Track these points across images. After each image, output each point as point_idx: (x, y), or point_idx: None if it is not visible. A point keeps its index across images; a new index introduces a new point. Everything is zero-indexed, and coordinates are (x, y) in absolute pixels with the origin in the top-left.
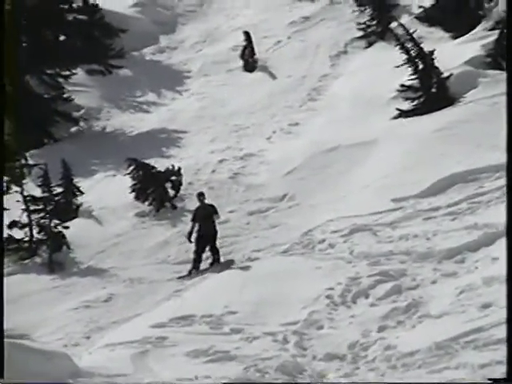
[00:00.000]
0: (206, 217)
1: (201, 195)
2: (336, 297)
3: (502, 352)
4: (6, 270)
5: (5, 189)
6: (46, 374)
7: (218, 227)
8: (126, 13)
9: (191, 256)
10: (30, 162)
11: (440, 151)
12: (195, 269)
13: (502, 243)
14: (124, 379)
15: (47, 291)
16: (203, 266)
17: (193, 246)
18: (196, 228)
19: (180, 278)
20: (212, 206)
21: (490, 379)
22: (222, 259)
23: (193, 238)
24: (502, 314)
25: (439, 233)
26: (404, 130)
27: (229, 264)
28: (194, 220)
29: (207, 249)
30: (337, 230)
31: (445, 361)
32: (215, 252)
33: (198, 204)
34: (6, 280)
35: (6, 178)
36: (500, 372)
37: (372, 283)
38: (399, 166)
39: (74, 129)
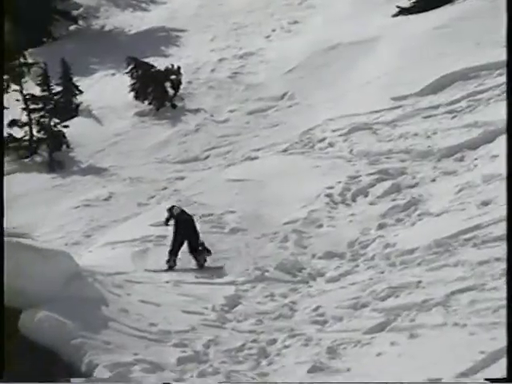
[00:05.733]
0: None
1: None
2: (335, 195)
3: (500, 249)
4: (6, 169)
5: (4, 87)
6: (47, 272)
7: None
8: None
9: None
10: (29, 60)
11: (440, 49)
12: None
13: (502, 141)
14: (124, 277)
15: (47, 190)
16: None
17: None
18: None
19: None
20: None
21: (490, 379)
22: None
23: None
24: (501, 211)
25: (439, 131)
26: (404, 28)
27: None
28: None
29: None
30: (336, 129)
31: (443, 258)
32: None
33: None
34: (5, 179)
35: (5, 77)
36: (499, 269)
37: (371, 182)
38: (399, 65)
39: (72, 27)
